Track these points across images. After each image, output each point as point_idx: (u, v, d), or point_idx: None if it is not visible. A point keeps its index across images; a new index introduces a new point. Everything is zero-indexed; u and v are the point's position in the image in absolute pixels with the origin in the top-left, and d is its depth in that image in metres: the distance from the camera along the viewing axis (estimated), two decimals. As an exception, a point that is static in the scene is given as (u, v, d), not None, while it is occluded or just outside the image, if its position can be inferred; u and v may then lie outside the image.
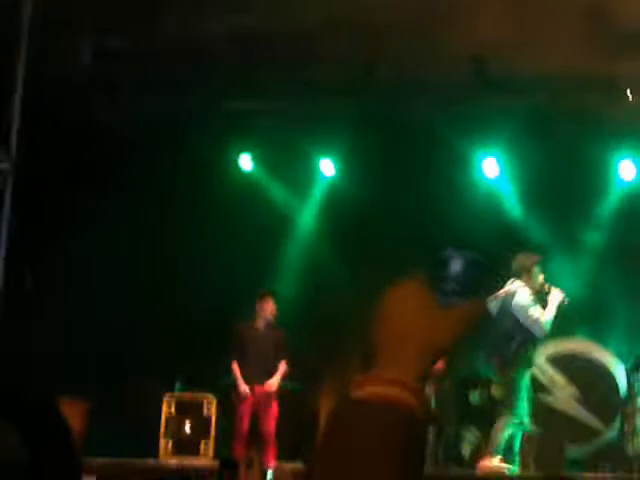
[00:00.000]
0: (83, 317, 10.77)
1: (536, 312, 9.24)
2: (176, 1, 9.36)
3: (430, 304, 1.32)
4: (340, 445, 1.24)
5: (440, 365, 9.29)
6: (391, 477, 1.19)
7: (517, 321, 9.22)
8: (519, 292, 9.31)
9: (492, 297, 9.29)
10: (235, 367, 10.19)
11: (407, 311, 1.32)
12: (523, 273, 9.43)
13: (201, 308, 11.21)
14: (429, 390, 9.33)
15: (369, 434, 1.22)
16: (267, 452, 9.96)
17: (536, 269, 9.47)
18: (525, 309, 9.24)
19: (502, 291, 9.35)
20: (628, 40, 9.62)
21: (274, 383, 10.19)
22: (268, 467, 9.88)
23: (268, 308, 10.34)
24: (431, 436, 9.61)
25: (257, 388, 10.14)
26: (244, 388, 10.09)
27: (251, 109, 10.82)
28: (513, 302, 9.25)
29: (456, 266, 1.32)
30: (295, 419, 10.45)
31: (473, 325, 1.33)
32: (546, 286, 9.46)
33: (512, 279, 9.39)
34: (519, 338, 9.25)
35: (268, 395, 10.14)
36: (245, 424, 10.08)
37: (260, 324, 10.35)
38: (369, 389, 1.27)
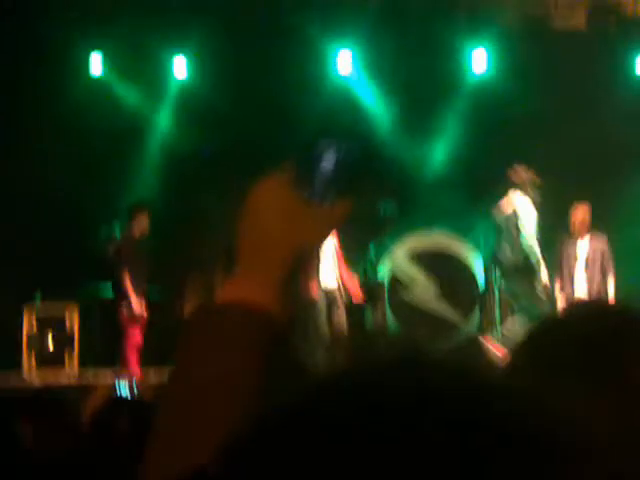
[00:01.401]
0: None
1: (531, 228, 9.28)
2: None
3: (296, 202, 1.21)
4: (193, 352, 1.18)
5: (314, 289, 9.31)
6: (247, 381, 1.13)
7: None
8: (525, 203, 9.30)
9: (496, 207, 9.30)
10: (127, 282, 9.81)
11: (270, 209, 1.21)
12: (526, 185, 9.36)
13: (56, 217, 10.91)
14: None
15: (221, 340, 1.16)
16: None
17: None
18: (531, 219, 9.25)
19: (506, 202, 9.33)
20: None
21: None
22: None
23: (146, 221, 10.07)
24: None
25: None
26: (140, 309, 9.88)
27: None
28: (520, 212, 9.24)
29: (328, 162, 1.20)
30: (160, 326, 10.35)
31: (338, 227, 1.25)
32: None
33: (513, 191, 9.33)
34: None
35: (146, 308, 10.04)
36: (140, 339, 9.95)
37: (137, 236, 10.11)
38: (225, 294, 1.19)
